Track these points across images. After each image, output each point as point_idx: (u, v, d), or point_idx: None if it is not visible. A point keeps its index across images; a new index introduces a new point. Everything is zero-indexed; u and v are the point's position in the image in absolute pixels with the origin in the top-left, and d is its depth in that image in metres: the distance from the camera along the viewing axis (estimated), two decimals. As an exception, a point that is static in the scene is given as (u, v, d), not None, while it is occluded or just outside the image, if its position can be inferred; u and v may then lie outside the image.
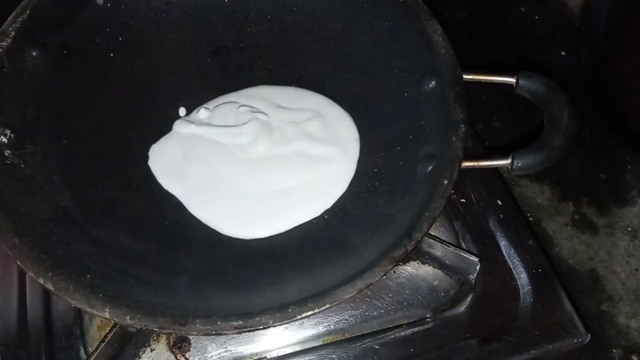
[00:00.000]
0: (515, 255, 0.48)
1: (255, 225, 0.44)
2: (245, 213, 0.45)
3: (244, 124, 0.48)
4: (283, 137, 0.48)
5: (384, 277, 0.35)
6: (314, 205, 0.45)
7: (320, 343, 0.44)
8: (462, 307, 0.46)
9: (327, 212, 0.45)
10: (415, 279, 0.46)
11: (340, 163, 0.47)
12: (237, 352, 0.43)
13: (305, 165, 0.47)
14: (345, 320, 0.45)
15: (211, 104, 0.50)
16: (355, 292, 0.34)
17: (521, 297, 0.46)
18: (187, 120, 0.49)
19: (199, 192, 0.45)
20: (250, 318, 0.33)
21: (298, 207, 0.45)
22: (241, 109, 0.49)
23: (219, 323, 0.32)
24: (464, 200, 0.51)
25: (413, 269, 0.46)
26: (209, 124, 0.49)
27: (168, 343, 0.43)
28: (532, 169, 0.42)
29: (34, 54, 0.43)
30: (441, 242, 0.44)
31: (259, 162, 0.47)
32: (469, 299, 0.46)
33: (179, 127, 0.49)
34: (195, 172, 0.46)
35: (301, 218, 0.44)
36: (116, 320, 0.33)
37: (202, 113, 0.50)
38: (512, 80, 0.44)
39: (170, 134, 0.48)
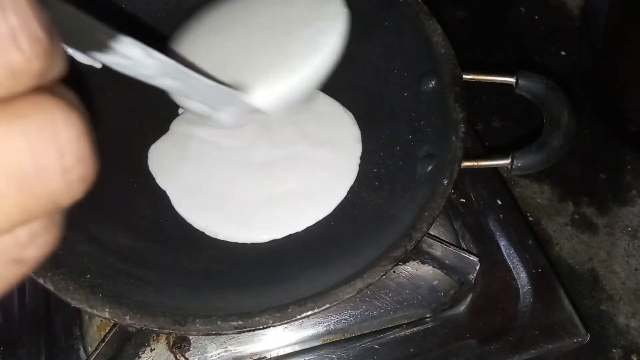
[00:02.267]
0: (515, 255, 0.48)
1: (253, 231, 0.43)
2: (242, 218, 0.44)
3: (241, 125, 0.48)
4: (282, 139, 0.48)
5: (384, 277, 0.35)
6: (313, 212, 0.44)
7: (320, 343, 0.44)
8: (462, 307, 0.46)
9: (326, 212, 0.45)
10: (415, 278, 0.46)
11: (341, 168, 0.46)
12: (237, 352, 0.43)
13: (305, 169, 0.46)
14: (345, 320, 0.45)
15: None
16: (355, 292, 0.34)
17: (521, 297, 0.46)
18: (185, 120, 0.49)
19: (194, 196, 0.45)
20: (250, 318, 0.33)
21: (297, 213, 0.44)
22: None
23: (218, 323, 0.33)
24: (463, 200, 0.51)
25: (413, 268, 0.46)
26: (205, 123, 0.48)
27: (168, 343, 0.43)
28: (531, 169, 0.42)
29: (33, 54, 0.43)
30: (441, 242, 0.44)
31: (258, 166, 0.46)
32: (468, 298, 0.46)
33: (176, 126, 0.48)
34: (191, 174, 0.46)
35: (300, 225, 0.44)
36: (116, 320, 0.33)
37: None
38: (511, 80, 0.44)
39: (169, 133, 0.48)
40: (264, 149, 0.47)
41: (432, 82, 0.44)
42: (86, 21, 0.16)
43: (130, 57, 0.19)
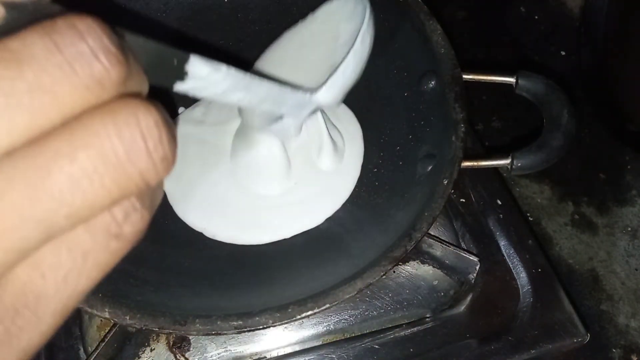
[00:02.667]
0: (515, 255, 0.48)
1: (251, 233, 0.43)
2: (242, 221, 0.43)
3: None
4: None
5: (384, 277, 0.35)
6: (314, 214, 0.43)
7: (320, 343, 0.44)
8: (462, 307, 0.46)
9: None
10: (415, 278, 0.46)
11: (343, 171, 0.45)
12: (237, 352, 0.43)
13: (305, 171, 0.45)
14: (345, 320, 0.45)
15: (206, 100, 0.49)
16: (355, 292, 0.34)
17: (521, 297, 0.46)
18: (184, 119, 0.48)
19: (192, 197, 0.44)
20: (250, 318, 0.33)
21: (297, 215, 0.43)
22: None
23: (218, 323, 0.33)
24: (463, 200, 0.52)
25: (413, 268, 0.46)
26: (203, 122, 0.47)
27: (168, 343, 0.43)
28: (531, 169, 0.42)
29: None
30: (441, 242, 0.44)
31: None
32: (468, 298, 0.46)
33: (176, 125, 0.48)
34: (189, 175, 0.45)
35: (300, 227, 0.43)
36: (116, 320, 0.33)
37: (197, 110, 0.48)
38: (511, 80, 0.44)
39: None
40: None
41: (432, 82, 0.44)
42: (155, 48, 0.18)
43: (201, 76, 0.20)
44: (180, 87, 0.20)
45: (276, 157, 0.44)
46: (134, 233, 0.17)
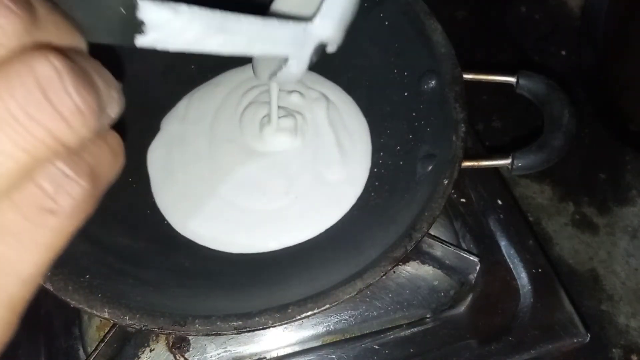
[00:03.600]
0: (515, 255, 0.48)
1: (245, 244, 0.42)
2: (233, 231, 0.42)
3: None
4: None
5: (384, 277, 0.35)
6: (313, 225, 0.42)
7: (320, 343, 0.44)
8: (462, 307, 0.46)
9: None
10: (415, 279, 0.46)
11: (349, 179, 0.44)
12: (237, 352, 0.43)
13: (309, 184, 0.43)
14: (345, 320, 0.45)
15: (190, 93, 0.47)
16: (355, 292, 0.33)
17: (521, 297, 0.46)
18: (170, 116, 0.46)
19: (180, 205, 0.43)
20: (250, 318, 0.33)
21: (296, 223, 0.42)
22: (217, 89, 0.45)
23: (218, 323, 0.32)
24: (464, 200, 0.51)
25: (413, 269, 0.46)
26: (185, 118, 0.46)
27: (167, 343, 0.43)
28: (532, 169, 0.42)
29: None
30: (441, 242, 0.44)
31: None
32: (469, 299, 0.46)
33: (166, 124, 0.46)
34: (176, 182, 0.44)
35: (299, 237, 0.42)
36: (115, 320, 0.33)
37: (181, 104, 0.46)
38: (512, 79, 0.44)
39: (160, 132, 0.47)
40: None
41: (432, 82, 0.44)
42: (98, 2, 0.15)
43: (161, 23, 0.17)
44: (142, 41, 0.17)
45: (271, 177, 0.43)
46: (75, 206, 0.14)
